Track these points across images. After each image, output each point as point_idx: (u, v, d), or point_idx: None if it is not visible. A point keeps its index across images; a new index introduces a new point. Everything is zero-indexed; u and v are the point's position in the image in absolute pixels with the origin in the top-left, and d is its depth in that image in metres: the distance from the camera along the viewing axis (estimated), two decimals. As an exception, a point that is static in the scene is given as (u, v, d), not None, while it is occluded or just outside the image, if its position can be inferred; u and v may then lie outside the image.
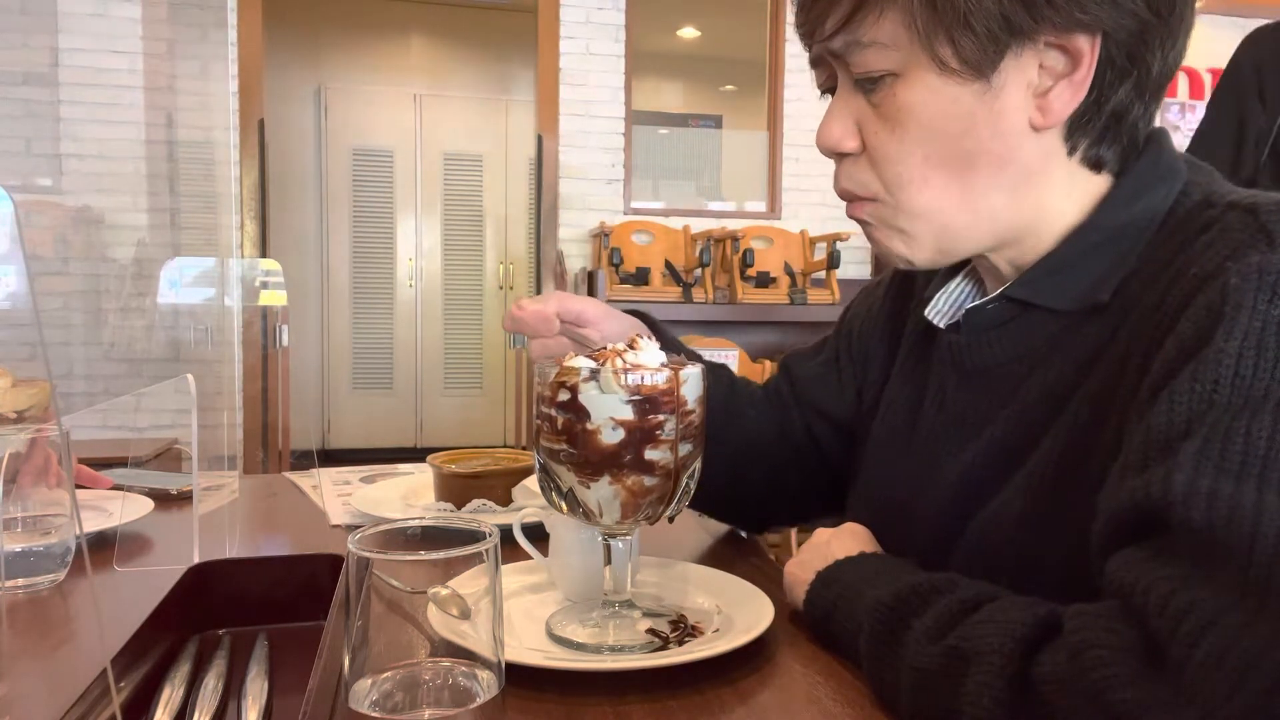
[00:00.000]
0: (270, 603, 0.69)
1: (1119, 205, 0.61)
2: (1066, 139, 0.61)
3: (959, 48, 0.56)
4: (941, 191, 0.60)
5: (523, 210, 5.61)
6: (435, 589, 0.42)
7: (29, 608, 0.72)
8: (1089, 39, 0.57)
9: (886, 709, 0.54)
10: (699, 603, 0.70)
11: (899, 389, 0.76)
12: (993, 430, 0.64)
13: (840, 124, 0.62)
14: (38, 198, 3.42)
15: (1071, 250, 0.61)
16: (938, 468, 0.68)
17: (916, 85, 0.58)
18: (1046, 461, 0.59)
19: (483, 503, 0.97)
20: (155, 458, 1.38)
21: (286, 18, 4.95)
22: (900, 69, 0.58)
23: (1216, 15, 4.39)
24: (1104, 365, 0.57)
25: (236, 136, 3.61)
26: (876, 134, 0.60)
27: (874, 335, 0.82)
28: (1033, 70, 0.58)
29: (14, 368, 0.90)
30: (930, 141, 0.59)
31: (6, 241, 0.55)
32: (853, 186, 0.63)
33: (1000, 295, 0.64)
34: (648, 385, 0.59)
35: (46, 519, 0.77)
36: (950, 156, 0.59)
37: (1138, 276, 0.58)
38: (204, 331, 3.28)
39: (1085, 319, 0.60)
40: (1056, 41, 0.57)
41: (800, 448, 0.86)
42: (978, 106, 0.58)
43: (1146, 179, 0.61)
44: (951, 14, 0.56)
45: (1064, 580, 0.57)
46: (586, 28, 3.93)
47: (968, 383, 0.67)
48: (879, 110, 0.60)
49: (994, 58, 0.57)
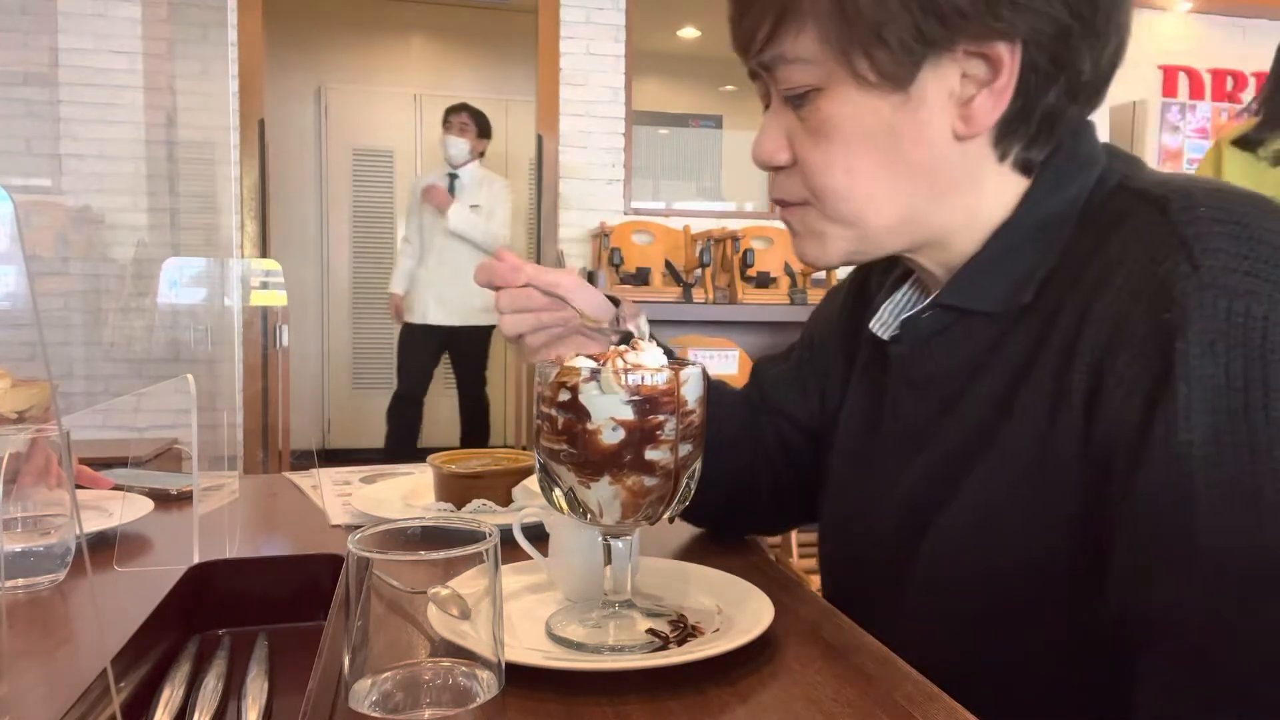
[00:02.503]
0: (270, 603, 0.69)
1: (1038, 200, 0.61)
2: (995, 145, 0.61)
3: (875, 61, 0.56)
4: (866, 202, 0.61)
5: (523, 210, 5.61)
6: (435, 589, 0.42)
7: (29, 608, 0.72)
8: (1008, 46, 0.56)
9: None
10: (699, 603, 0.70)
11: (857, 399, 0.76)
12: (940, 441, 0.64)
13: (772, 138, 0.63)
14: (38, 198, 3.43)
15: (995, 251, 0.62)
16: (893, 480, 0.68)
17: (838, 99, 0.58)
18: (994, 471, 0.59)
19: (483, 503, 0.97)
20: (155, 458, 1.38)
21: (286, 18, 4.94)
22: (822, 83, 0.59)
23: (1216, 15, 4.39)
24: (1040, 373, 0.57)
25: (236, 136, 3.61)
26: (804, 147, 0.61)
27: (833, 343, 0.82)
28: (954, 79, 0.58)
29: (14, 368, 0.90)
30: (854, 154, 0.59)
31: (6, 241, 0.55)
32: (785, 195, 0.64)
33: (933, 303, 0.65)
34: (648, 385, 0.59)
35: (46, 519, 0.77)
36: (875, 168, 0.60)
37: (1059, 274, 0.58)
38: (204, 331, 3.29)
39: (1018, 322, 0.60)
40: (976, 50, 0.56)
41: (771, 453, 0.85)
42: (898, 118, 0.58)
43: (1064, 171, 0.61)
44: (864, 29, 0.56)
45: (1021, 591, 0.58)
46: (586, 28, 3.93)
47: (915, 393, 0.67)
48: (805, 124, 0.61)
49: (910, 70, 0.57)
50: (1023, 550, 0.57)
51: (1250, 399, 0.47)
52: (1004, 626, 0.60)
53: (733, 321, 3.42)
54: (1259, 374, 0.47)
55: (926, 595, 0.65)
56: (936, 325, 0.65)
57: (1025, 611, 0.58)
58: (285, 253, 5.08)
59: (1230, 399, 0.47)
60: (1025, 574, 0.57)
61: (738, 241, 3.57)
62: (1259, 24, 4.42)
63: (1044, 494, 0.56)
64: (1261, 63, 4.38)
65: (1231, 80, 4.34)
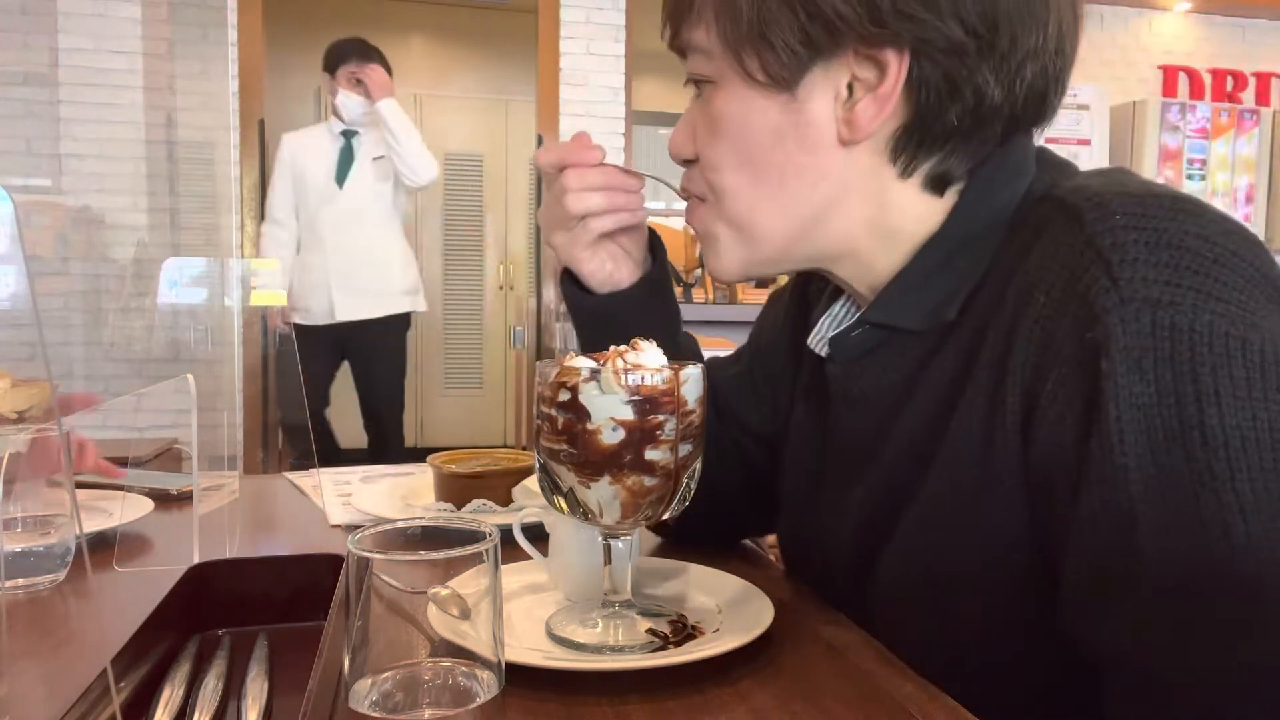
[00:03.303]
0: (270, 603, 0.69)
1: (964, 214, 0.59)
2: (894, 159, 0.59)
3: (763, 61, 0.57)
4: (752, 202, 0.60)
5: (523, 210, 5.61)
6: (435, 589, 0.42)
7: (29, 608, 0.72)
8: (895, 54, 0.55)
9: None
10: (699, 603, 0.70)
11: (802, 414, 0.74)
12: (880, 463, 0.63)
13: (680, 132, 0.63)
14: (38, 198, 3.43)
15: (919, 267, 0.60)
16: (842, 501, 0.67)
17: (729, 95, 0.59)
18: (935, 496, 0.58)
19: (483, 503, 0.97)
20: (155, 458, 1.38)
21: (286, 18, 4.94)
22: (716, 76, 0.59)
23: (1216, 15, 4.39)
24: (972, 392, 0.55)
25: (236, 136, 3.61)
26: (702, 141, 0.62)
27: (779, 352, 0.80)
28: (842, 83, 0.57)
29: (14, 368, 0.90)
30: (742, 151, 0.59)
31: (6, 241, 0.55)
32: (689, 185, 0.65)
33: (860, 321, 0.64)
34: (648, 385, 0.59)
35: (46, 519, 0.77)
36: (762, 168, 0.59)
37: (983, 290, 0.57)
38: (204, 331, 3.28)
39: (944, 340, 0.58)
40: (866, 53, 0.56)
41: (727, 457, 0.81)
42: (784, 119, 0.58)
43: (991, 182, 0.59)
44: (751, 30, 0.56)
45: (981, 606, 0.57)
46: (586, 28, 3.93)
47: (853, 411, 0.66)
48: (705, 118, 0.61)
49: (796, 72, 0.57)
50: (971, 570, 0.56)
51: (1184, 416, 0.45)
52: (968, 646, 0.59)
53: (733, 321, 3.41)
54: (1190, 389, 0.45)
55: (884, 619, 0.64)
56: (866, 344, 0.64)
57: (989, 631, 0.58)
58: (285, 253, 5.07)
59: (1164, 417, 0.45)
60: (981, 592, 0.57)
61: (738, 241, 3.57)
62: (1259, 24, 4.41)
63: (990, 518, 0.55)
64: (1261, 63, 4.39)
65: (1231, 80, 4.33)
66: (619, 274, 0.74)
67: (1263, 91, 4.37)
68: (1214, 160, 4.13)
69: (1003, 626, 0.57)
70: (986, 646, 0.58)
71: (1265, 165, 4.19)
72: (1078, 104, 4.02)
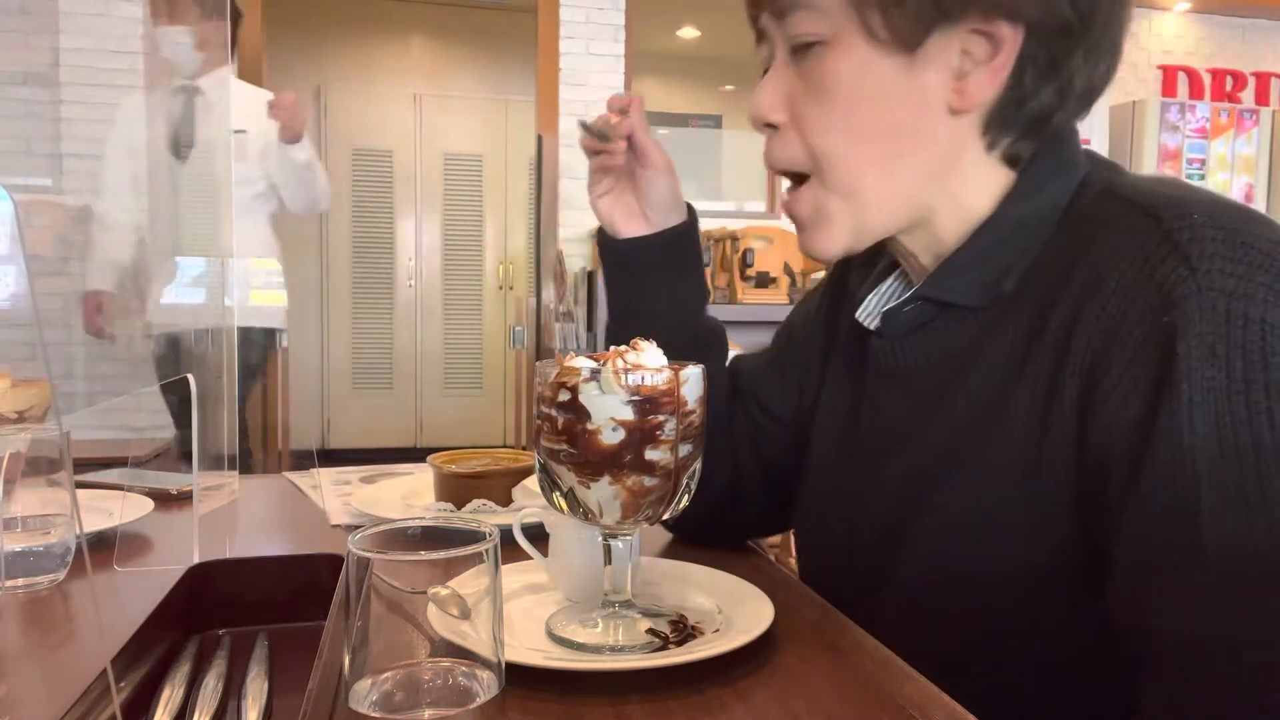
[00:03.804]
0: (270, 603, 0.69)
1: (1020, 198, 0.61)
2: (985, 132, 0.62)
3: (888, 18, 0.57)
4: (860, 166, 0.61)
5: (522, 210, 5.61)
6: (435, 589, 0.42)
7: (29, 608, 0.72)
8: (1011, 28, 0.57)
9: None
10: (699, 603, 0.70)
11: (835, 395, 0.76)
12: (924, 439, 0.64)
13: (771, 95, 0.63)
14: (38, 198, 3.42)
15: (977, 245, 0.62)
16: (875, 477, 0.68)
17: (845, 53, 0.59)
18: (985, 474, 0.59)
19: (483, 503, 0.97)
20: (155, 458, 1.38)
21: (286, 18, 4.94)
22: (830, 36, 0.59)
23: (1216, 15, 4.39)
24: (1033, 371, 0.57)
25: (237, 136, 3.60)
26: (804, 104, 0.61)
27: (812, 338, 0.81)
28: (955, 53, 0.59)
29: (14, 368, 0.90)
30: (855, 111, 0.60)
31: (6, 241, 0.55)
32: (780, 160, 0.64)
33: (915, 296, 0.65)
34: (648, 386, 0.59)
35: (46, 519, 0.77)
36: (873, 129, 0.60)
37: (1041, 269, 0.59)
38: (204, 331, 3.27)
39: (1002, 316, 0.60)
40: (981, 28, 0.58)
41: (739, 444, 0.83)
42: (901, 80, 0.59)
43: (1047, 172, 0.62)
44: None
45: (1008, 601, 0.58)
46: (586, 28, 3.93)
47: (895, 388, 0.67)
48: (808, 81, 0.61)
49: (920, 34, 0.58)
50: (1010, 555, 0.57)
51: (1253, 402, 0.46)
52: (989, 638, 0.59)
53: (732, 321, 3.40)
54: (1260, 377, 0.47)
55: (908, 600, 0.64)
56: (918, 319, 0.65)
57: (1012, 624, 0.58)
58: (285, 253, 5.07)
59: (1233, 403, 0.47)
60: (1012, 580, 0.57)
61: (737, 241, 3.57)
62: (1259, 24, 4.41)
63: (1035, 498, 0.56)
64: (1261, 63, 4.39)
65: (1231, 80, 4.33)
66: (627, 226, 0.79)
67: (1262, 91, 4.36)
68: (1213, 160, 4.13)
69: (1021, 622, 0.58)
70: (994, 650, 0.59)
71: (1265, 165, 4.19)
72: (1078, 104, 4.02)
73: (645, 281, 0.77)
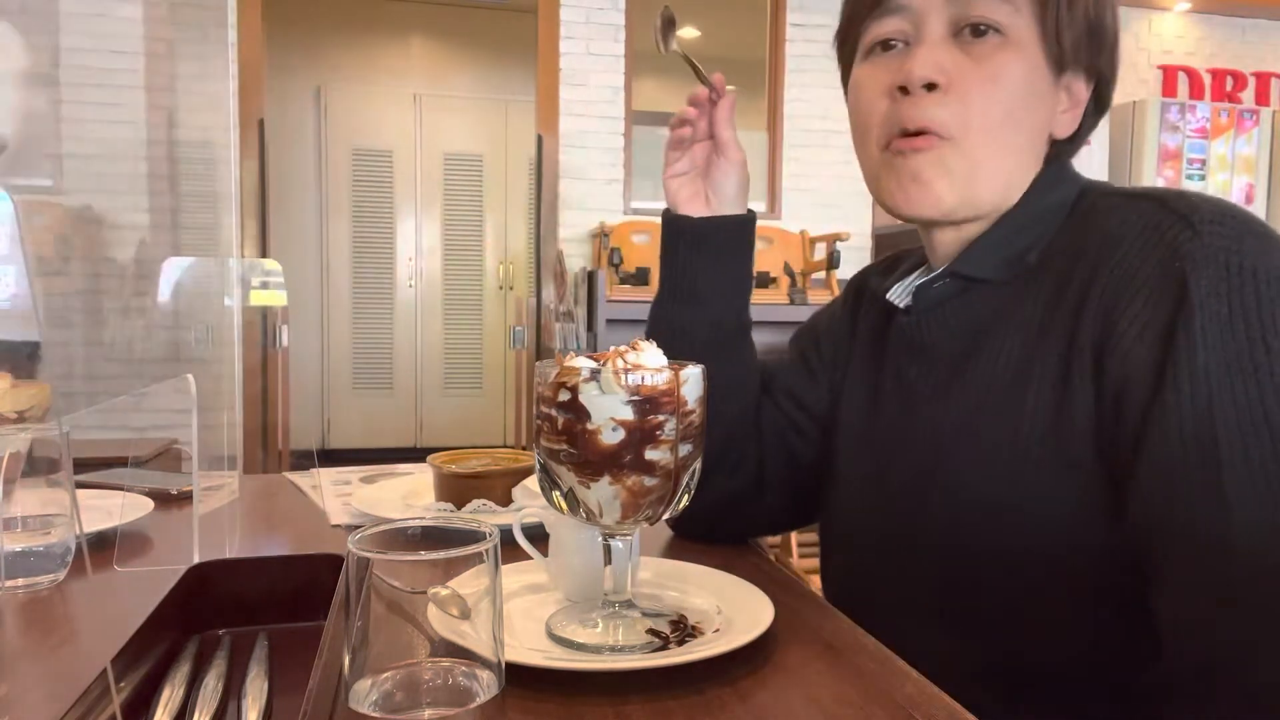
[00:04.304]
0: (270, 603, 0.69)
1: (1040, 193, 0.71)
2: (1049, 146, 0.73)
3: (1061, 37, 0.68)
4: (996, 145, 0.69)
5: (523, 210, 5.61)
6: (435, 589, 0.42)
7: (29, 608, 0.72)
8: (1087, 84, 0.71)
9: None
10: (699, 603, 0.70)
11: (859, 377, 0.83)
12: (953, 402, 0.70)
13: (938, 59, 0.68)
14: (38, 198, 3.42)
15: (1002, 230, 0.71)
16: (903, 439, 0.74)
17: (1020, 49, 0.68)
18: (1015, 430, 0.65)
19: (483, 503, 0.97)
20: (155, 458, 1.38)
21: (286, 18, 4.95)
22: (1011, 31, 0.68)
23: (1216, 15, 4.39)
24: (1055, 334, 0.65)
25: (236, 136, 3.61)
26: (973, 78, 0.68)
27: (839, 339, 0.88)
28: (1063, 90, 0.71)
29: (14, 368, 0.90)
30: (1011, 102, 0.68)
31: (7, 241, 0.55)
32: (932, 122, 0.69)
33: (945, 272, 0.73)
34: (648, 386, 0.59)
35: (46, 519, 0.77)
36: (1016, 121, 0.69)
37: (1058, 247, 0.68)
38: (204, 331, 3.28)
39: (1026, 285, 0.69)
40: (1069, 83, 0.71)
41: (777, 439, 0.87)
42: (1049, 92, 0.70)
43: (1058, 175, 0.73)
44: (1054, 9, 0.68)
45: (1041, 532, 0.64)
46: (586, 28, 3.93)
47: (919, 359, 0.75)
48: (979, 61, 0.68)
49: (1070, 61, 0.69)
50: (1039, 492, 0.63)
51: (1251, 332, 0.55)
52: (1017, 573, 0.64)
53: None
54: (1255, 310, 0.56)
55: (940, 545, 0.69)
56: (946, 293, 0.73)
57: (1040, 563, 0.63)
58: (285, 253, 5.08)
59: (1235, 331, 0.56)
60: (1041, 518, 0.63)
61: (738, 241, 3.56)
62: (1259, 24, 4.41)
63: (1062, 439, 0.63)
64: (1261, 63, 4.39)
65: (1231, 80, 4.33)
66: (690, 207, 0.84)
67: (1263, 91, 4.36)
68: (1214, 160, 4.13)
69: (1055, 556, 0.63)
70: (1035, 577, 0.64)
71: (1265, 165, 4.19)
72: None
73: (709, 255, 0.82)
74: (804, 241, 3.83)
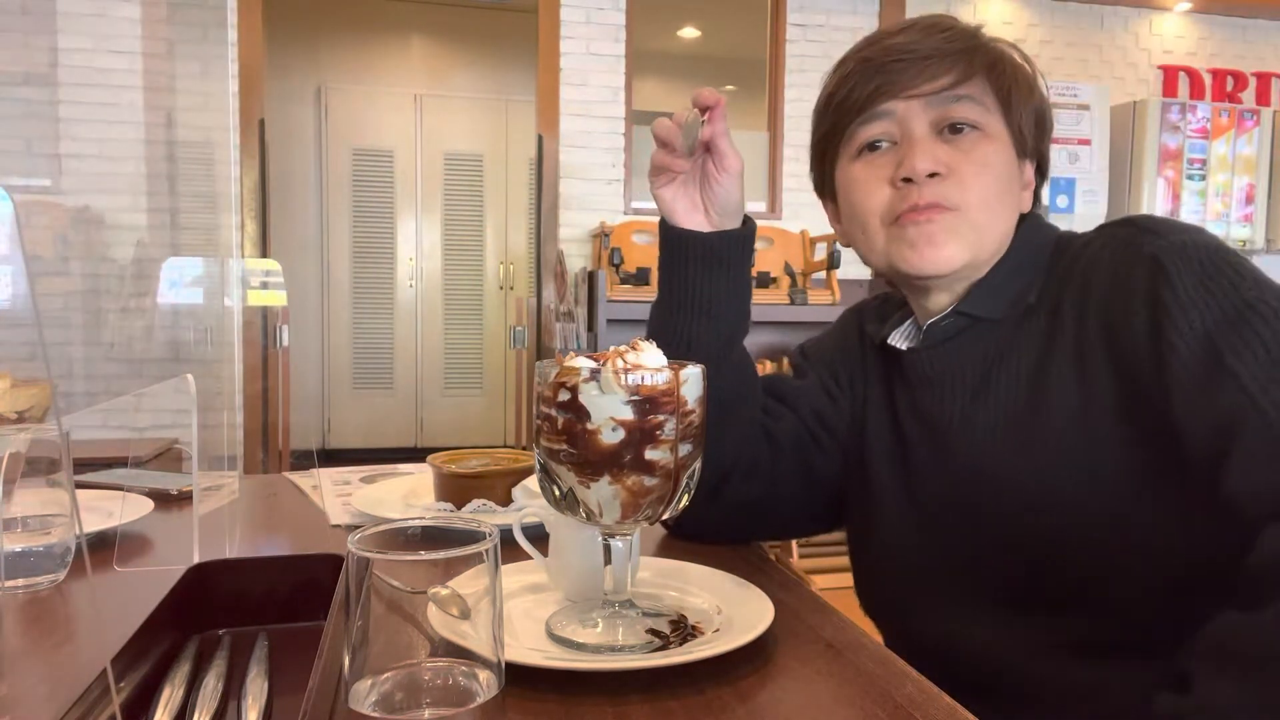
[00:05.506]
0: (270, 603, 0.69)
1: (1025, 241, 0.83)
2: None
3: (1023, 134, 0.82)
4: (991, 214, 0.80)
5: (523, 210, 5.61)
6: (435, 589, 0.42)
7: (29, 608, 0.72)
8: (1033, 168, 0.85)
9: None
10: (699, 603, 0.70)
11: (876, 417, 0.88)
12: (976, 424, 0.78)
13: (933, 154, 0.79)
14: (38, 198, 3.42)
15: (1001, 274, 0.82)
16: (937, 458, 0.81)
17: (996, 142, 0.80)
18: (1046, 431, 0.73)
19: (483, 503, 0.97)
20: (155, 458, 1.38)
21: (286, 18, 4.95)
22: (988, 129, 0.80)
23: (1216, 15, 4.39)
24: (1061, 342, 0.75)
25: (236, 136, 3.61)
26: (963, 166, 0.79)
27: (853, 368, 0.93)
28: (1023, 174, 0.84)
29: (14, 368, 0.90)
30: (996, 182, 0.80)
31: (6, 241, 0.55)
32: (938, 198, 0.79)
33: (954, 311, 0.82)
34: (648, 385, 0.59)
35: (46, 519, 0.77)
36: (1001, 194, 0.81)
37: (1050, 283, 0.79)
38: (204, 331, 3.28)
39: (1027, 318, 0.79)
40: (1025, 167, 0.84)
41: (793, 453, 0.88)
42: (1018, 171, 0.83)
43: (1036, 225, 0.85)
44: (1035, 117, 0.83)
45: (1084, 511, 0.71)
46: (586, 28, 3.93)
47: (930, 392, 0.82)
48: (965, 151, 0.79)
49: (1030, 153, 0.84)
50: (1075, 475, 0.71)
51: (1220, 283, 0.68)
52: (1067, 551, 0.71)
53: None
54: (1213, 263, 0.69)
55: (1004, 562, 0.75)
56: (953, 329, 0.82)
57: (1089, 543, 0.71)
58: (285, 253, 5.08)
59: (1207, 276, 0.68)
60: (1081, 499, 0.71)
61: (738, 241, 3.56)
62: (1259, 24, 4.41)
63: (1092, 427, 0.71)
64: (1261, 63, 4.39)
65: (1231, 80, 4.33)
66: (687, 219, 0.85)
67: (1263, 91, 4.36)
68: (1214, 160, 4.13)
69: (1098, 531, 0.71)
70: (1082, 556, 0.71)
71: (1265, 165, 4.19)
72: (1078, 104, 4.02)
73: (720, 271, 0.84)
74: (804, 241, 3.83)
